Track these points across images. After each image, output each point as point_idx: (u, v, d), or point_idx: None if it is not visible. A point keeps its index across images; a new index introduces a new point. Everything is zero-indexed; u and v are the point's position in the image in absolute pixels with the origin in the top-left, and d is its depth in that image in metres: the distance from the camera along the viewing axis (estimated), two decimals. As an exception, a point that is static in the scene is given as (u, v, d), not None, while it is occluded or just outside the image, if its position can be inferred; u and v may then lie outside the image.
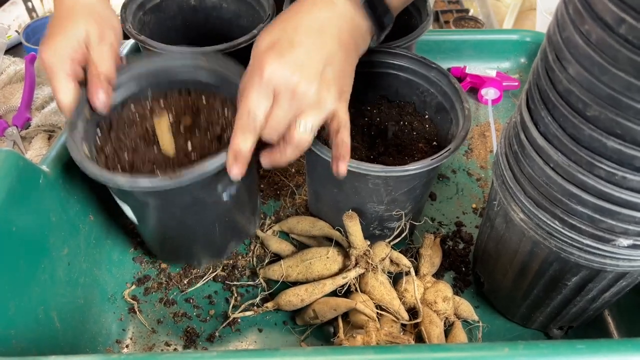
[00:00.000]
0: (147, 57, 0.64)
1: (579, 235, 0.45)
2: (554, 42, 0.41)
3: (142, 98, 0.66)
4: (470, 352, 0.41)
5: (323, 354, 0.41)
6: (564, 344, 0.40)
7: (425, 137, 0.67)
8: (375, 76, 0.70)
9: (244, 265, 0.69)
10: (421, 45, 0.97)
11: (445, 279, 0.68)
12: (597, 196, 0.42)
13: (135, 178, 0.51)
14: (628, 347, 0.40)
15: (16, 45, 1.09)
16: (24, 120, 0.86)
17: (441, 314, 0.60)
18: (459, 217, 0.75)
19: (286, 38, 0.48)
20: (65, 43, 0.55)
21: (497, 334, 0.63)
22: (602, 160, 0.40)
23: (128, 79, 0.64)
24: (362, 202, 0.61)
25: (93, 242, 0.65)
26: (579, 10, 0.37)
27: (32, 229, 0.54)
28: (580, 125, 0.40)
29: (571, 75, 0.39)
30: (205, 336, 0.62)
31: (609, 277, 0.49)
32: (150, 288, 0.66)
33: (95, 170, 0.52)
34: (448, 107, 0.65)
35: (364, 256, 0.61)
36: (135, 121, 0.64)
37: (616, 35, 0.34)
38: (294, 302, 0.61)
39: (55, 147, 0.61)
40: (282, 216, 0.75)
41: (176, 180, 0.51)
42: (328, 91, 0.48)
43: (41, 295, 0.54)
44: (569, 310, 0.56)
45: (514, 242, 0.54)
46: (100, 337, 0.61)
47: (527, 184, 0.48)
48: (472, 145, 0.87)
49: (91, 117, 0.60)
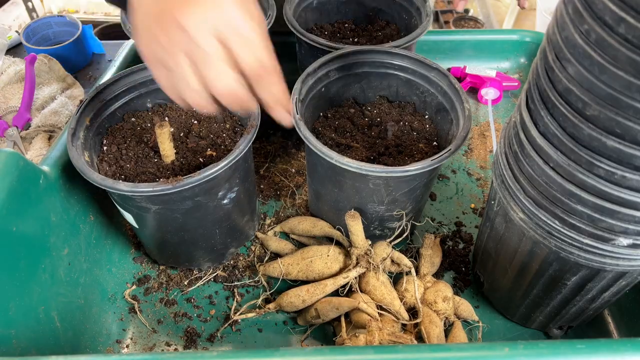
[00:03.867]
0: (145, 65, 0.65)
1: (579, 234, 0.45)
2: (553, 42, 0.41)
3: (142, 106, 0.67)
4: (470, 352, 0.41)
5: (323, 354, 0.41)
6: (563, 344, 0.40)
7: (426, 137, 0.67)
8: (375, 76, 0.70)
9: (244, 266, 0.69)
10: (421, 45, 0.97)
11: (445, 278, 0.68)
12: (596, 195, 0.42)
13: (137, 184, 0.52)
14: (628, 346, 0.40)
15: (16, 46, 1.09)
16: (24, 120, 0.86)
17: (441, 314, 0.60)
18: (459, 217, 0.75)
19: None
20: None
21: (497, 333, 0.63)
22: (602, 159, 0.40)
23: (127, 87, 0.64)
24: (363, 202, 0.61)
25: (93, 242, 0.65)
26: (579, 9, 0.37)
27: (33, 229, 0.54)
28: (579, 124, 0.40)
29: (571, 74, 0.39)
30: (205, 336, 0.62)
31: (609, 277, 0.49)
32: (151, 288, 0.66)
33: (97, 178, 0.53)
34: (448, 107, 0.65)
35: (365, 256, 0.61)
36: (135, 129, 0.64)
37: (616, 35, 0.34)
38: (295, 303, 0.61)
39: (55, 147, 0.62)
40: (282, 216, 0.75)
41: (177, 185, 0.51)
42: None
43: (41, 295, 0.54)
44: (568, 309, 0.56)
45: (514, 241, 0.54)
46: (100, 337, 0.61)
47: (527, 183, 0.48)
48: (472, 145, 0.87)
49: (91, 124, 0.61)
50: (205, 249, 0.66)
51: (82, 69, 1.06)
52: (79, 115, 0.59)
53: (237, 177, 0.59)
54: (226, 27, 0.41)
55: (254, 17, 0.43)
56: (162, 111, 0.67)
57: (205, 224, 0.61)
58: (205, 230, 0.62)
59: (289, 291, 0.62)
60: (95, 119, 0.62)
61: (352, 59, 0.68)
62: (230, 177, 0.58)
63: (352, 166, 0.54)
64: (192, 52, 0.41)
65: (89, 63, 1.08)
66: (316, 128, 0.68)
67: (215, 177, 0.53)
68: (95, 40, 1.08)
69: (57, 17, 1.07)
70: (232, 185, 0.59)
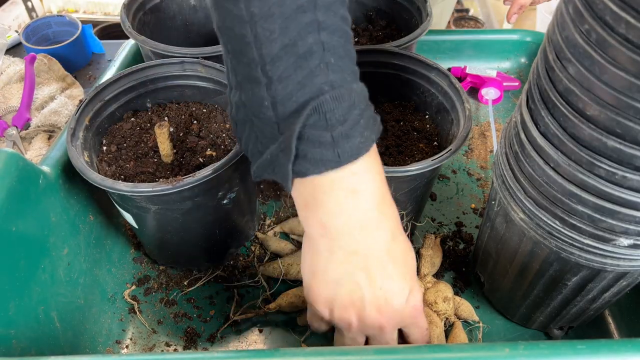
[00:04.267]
0: (145, 64, 0.65)
1: (579, 235, 0.45)
2: (554, 42, 0.41)
3: (142, 106, 0.67)
4: (470, 352, 0.41)
5: (323, 354, 0.41)
6: (564, 345, 0.40)
7: (426, 137, 0.67)
8: (375, 76, 0.70)
9: (244, 266, 0.69)
10: (421, 45, 0.97)
11: (446, 279, 0.68)
12: (597, 196, 0.42)
13: (136, 184, 0.52)
14: (628, 347, 0.40)
15: (16, 45, 1.09)
16: (23, 120, 0.86)
17: (441, 315, 0.60)
18: (459, 217, 0.75)
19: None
20: None
21: (498, 334, 0.63)
22: (603, 159, 0.40)
23: (127, 86, 0.64)
24: (362, 202, 0.61)
25: (93, 242, 0.65)
26: (579, 9, 0.37)
27: (32, 229, 0.54)
28: (580, 124, 0.40)
29: (571, 74, 0.39)
30: (205, 336, 0.62)
31: (609, 277, 0.49)
32: (151, 288, 0.66)
33: (96, 178, 0.53)
34: (449, 107, 0.65)
35: (364, 256, 0.61)
36: (135, 129, 0.64)
37: (616, 35, 0.34)
38: (295, 303, 0.61)
39: (54, 147, 0.61)
40: (282, 216, 0.74)
41: (176, 185, 0.51)
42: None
43: (41, 295, 0.54)
44: (569, 310, 0.56)
45: (514, 242, 0.53)
46: (100, 338, 0.61)
47: (527, 183, 0.48)
48: (472, 145, 0.87)
49: (91, 124, 0.61)
50: (205, 249, 0.65)
51: (81, 69, 1.06)
52: (78, 115, 0.59)
53: (237, 177, 0.59)
54: (409, 322, 0.47)
55: (422, 307, 0.48)
56: (161, 111, 0.67)
57: (205, 224, 0.61)
58: (205, 231, 0.62)
59: (289, 291, 0.62)
60: (95, 119, 0.62)
61: (352, 59, 0.68)
62: (230, 177, 0.58)
63: (352, 166, 0.54)
64: (375, 338, 0.47)
65: (89, 63, 1.08)
66: (316, 128, 0.68)
67: (215, 177, 0.53)
68: (95, 39, 1.08)
69: (56, 16, 1.07)
70: (232, 185, 0.59)
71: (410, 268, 0.46)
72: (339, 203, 0.41)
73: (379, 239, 0.43)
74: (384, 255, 0.43)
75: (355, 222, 0.42)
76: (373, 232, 0.43)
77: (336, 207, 0.41)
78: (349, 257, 0.43)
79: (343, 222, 0.41)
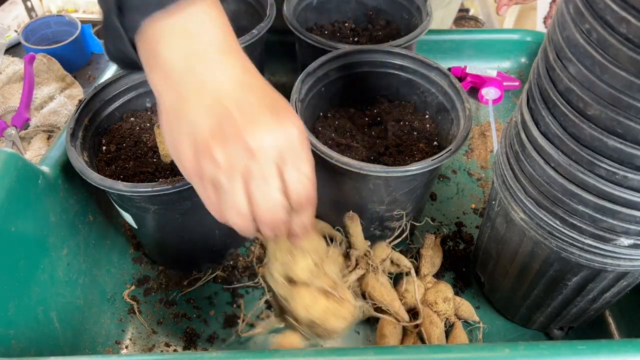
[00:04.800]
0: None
1: (580, 234, 0.45)
2: (554, 41, 0.41)
3: (141, 106, 0.67)
4: (470, 352, 0.41)
5: (323, 354, 0.41)
6: (564, 345, 0.40)
7: (426, 137, 0.67)
8: (375, 76, 0.70)
9: (244, 266, 0.69)
10: (421, 45, 0.97)
11: (446, 279, 0.67)
12: (597, 195, 0.42)
13: (136, 184, 0.52)
14: (629, 347, 0.40)
15: (15, 45, 1.09)
16: (23, 120, 0.85)
17: (442, 315, 0.60)
18: (459, 217, 0.75)
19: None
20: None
21: (498, 334, 0.62)
22: (603, 159, 0.39)
23: (126, 86, 0.64)
24: (363, 202, 0.61)
25: (92, 242, 0.65)
26: (580, 9, 0.37)
27: (32, 229, 0.54)
28: (580, 124, 0.39)
29: (572, 74, 0.39)
30: (205, 337, 0.62)
31: (610, 277, 0.49)
32: (150, 289, 0.66)
33: (96, 178, 0.53)
34: (449, 107, 0.65)
35: (365, 257, 0.61)
36: (135, 129, 0.64)
37: (617, 34, 0.34)
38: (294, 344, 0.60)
39: (54, 147, 0.61)
40: (282, 216, 0.74)
41: (176, 185, 0.51)
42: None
43: (41, 295, 0.54)
44: (569, 310, 0.56)
45: (515, 242, 0.53)
46: (99, 338, 0.61)
47: (528, 183, 0.48)
48: (472, 145, 0.87)
49: (90, 124, 0.61)
50: (204, 249, 0.65)
51: (81, 69, 1.05)
52: (77, 115, 0.59)
53: (236, 177, 0.59)
54: (289, 155, 0.40)
55: (308, 144, 0.42)
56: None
57: (204, 224, 0.61)
58: (205, 231, 0.62)
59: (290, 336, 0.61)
60: (94, 119, 0.62)
61: (352, 59, 0.68)
62: (230, 177, 0.58)
63: (352, 166, 0.54)
64: (251, 176, 0.40)
65: (88, 62, 1.07)
66: (316, 128, 0.68)
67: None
68: (95, 39, 1.08)
69: (56, 16, 1.07)
70: None
71: (276, 100, 0.42)
72: (176, 46, 0.39)
73: (227, 72, 0.40)
74: (237, 86, 0.40)
75: (196, 59, 0.40)
76: (218, 65, 0.40)
77: (173, 51, 0.39)
78: (199, 96, 0.40)
79: (183, 61, 0.40)
